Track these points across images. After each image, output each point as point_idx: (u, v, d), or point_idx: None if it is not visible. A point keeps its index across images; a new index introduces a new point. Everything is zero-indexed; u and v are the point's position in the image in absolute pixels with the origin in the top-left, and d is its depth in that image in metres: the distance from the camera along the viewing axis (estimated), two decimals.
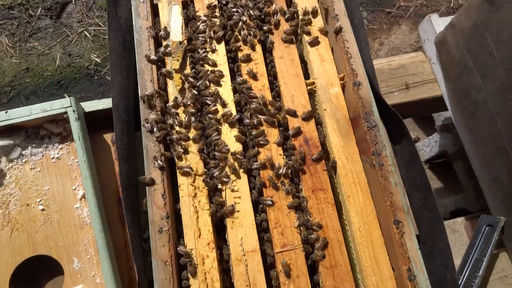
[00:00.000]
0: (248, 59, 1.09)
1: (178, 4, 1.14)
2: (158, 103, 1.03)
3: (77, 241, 1.19)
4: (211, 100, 1.04)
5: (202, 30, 1.11)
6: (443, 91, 1.68)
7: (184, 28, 1.12)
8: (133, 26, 1.10)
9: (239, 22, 1.11)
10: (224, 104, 1.04)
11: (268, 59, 1.12)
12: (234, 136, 1.01)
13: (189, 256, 0.89)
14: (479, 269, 1.43)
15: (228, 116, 1.02)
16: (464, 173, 1.90)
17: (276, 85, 1.10)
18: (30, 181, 1.23)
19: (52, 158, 1.26)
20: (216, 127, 1.02)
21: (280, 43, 1.11)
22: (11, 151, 1.25)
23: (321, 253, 0.90)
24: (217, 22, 1.11)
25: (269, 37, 1.12)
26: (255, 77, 1.07)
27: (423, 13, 2.94)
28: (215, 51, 1.10)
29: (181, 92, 1.06)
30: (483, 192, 1.54)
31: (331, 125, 1.01)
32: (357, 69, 1.04)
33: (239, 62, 1.10)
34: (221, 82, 1.07)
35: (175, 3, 1.14)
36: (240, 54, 1.10)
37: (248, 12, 1.13)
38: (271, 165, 0.98)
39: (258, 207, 0.97)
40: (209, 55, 1.09)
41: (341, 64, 1.07)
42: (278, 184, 0.97)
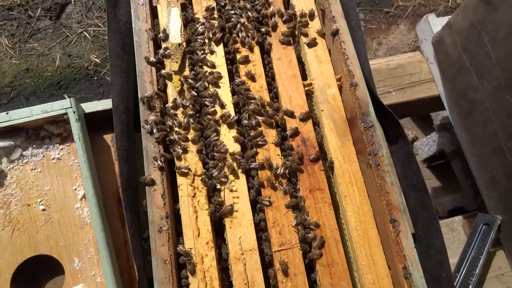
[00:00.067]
0: (246, 60, 1.10)
1: (177, 7, 1.14)
2: (158, 105, 1.03)
3: (77, 240, 1.19)
4: (209, 101, 1.05)
5: (200, 32, 1.11)
6: (440, 91, 1.69)
7: (183, 30, 1.12)
8: (132, 29, 1.10)
9: (237, 24, 1.12)
10: (222, 105, 1.05)
11: (266, 60, 1.12)
12: (232, 137, 1.02)
13: (188, 255, 0.90)
14: (476, 267, 1.43)
15: (227, 117, 1.03)
16: (462, 172, 1.90)
17: (274, 86, 1.10)
18: (31, 181, 1.24)
19: (53, 159, 1.26)
20: (215, 128, 1.02)
21: (278, 45, 1.12)
22: (12, 152, 1.25)
23: (318, 251, 0.91)
24: (215, 24, 1.12)
25: (267, 39, 1.12)
26: (253, 78, 1.08)
27: (421, 12, 2.95)
28: (213, 53, 1.10)
29: (180, 93, 1.06)
30: (480, 191, 1.55)
31: (328, 125, 1.02)
32: (354, 70, 1.04)
33: (238, 64, 1.11)
34: (219, 83, 1.07)
35: (174, 5, 1.14)
36: (238, 55, 1.11)
37: (246, 14, 1.13)
38: (269, 165, 0.99)
39: (256, 206, 0.98)
40: (208, 57, 1.10)
41: (338, 65, 1.08)
42: (276, 184, 0.97)
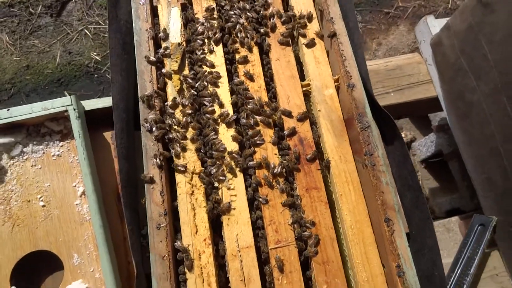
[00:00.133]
0: (245, 60, 1.10)
1: (177, 7, 1.15)
2: (157, 103, 1.04)
3: (77, 236, 1.20)
4: (208, 100, 1.06)
5: (200, 32, 1.12)
6: (438, 92, 1.70)
7: (183, 30, 1.13)
8: (133, 28, 1.11)
9: (236, 25, 1.13)
10: (221, 105, 1.05)
11: (264, 61, 1.13)
12: (231, 136, 1.03)
13: (186, 252, 0.91)
14: (470, 267, 1.44)
15: (225, 116, 1.04)
16: (459, 173, 1.91)
17: (272, 86, 1.11)
18: (31, 177, 1.25)
19: (53, 156, 1.27)
20: (213, 127, 1.03)
21: (276, 45, 1.13)
22: (13, 148, 1.26)
23: (314, 249, 0.92)
24: (215, 24, 1.12)
25: (266, 39, 1.13)
26: (251, 78, 1.09)
27: (421, 13, 2.96)
28: (213, 53, 1.11)
29: (180, 92, 1.07)
30: (476, 192, 1.56)
31: (325, 125, 1.03)
32: (351, 71, 1.05)
33: (237, 64, 1.11)
34: (218, 83, 1.08)
35: (174, 5, 1.15)
36: (237, 55, 1.11)
37: (245, 14, 1.14)
38: (267, 164, 1.00)
39: (254, 203, 0.99)
40: (207, 57, 1.11)
41: (336, 66, 1.09)
42: (273, 183, 0.99)
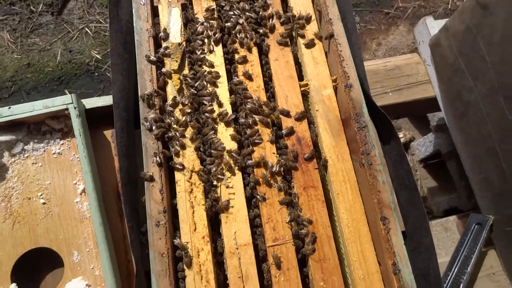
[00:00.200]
0: (244, 60, 1.11)
1: (178, 7, 1.16)
2: (157, 102, 1.05)
3: (77, 234, 1.20)
4: (208, 100, 1.06)
5: (200, 32, 1.13)
6: (436, 92, 1.70)
7: (183, 30, 1.14)
8: (133, 28, 1.12)
9: (236, 25, 1.13)
10: (220, 104, 1.06)
11: (263, 61, 1.14)
12: (229, 135, 1.04)
13: (184, 249, 0.92)
14: (468, 266, 1.45)
15: (224, 115, 1.05)
16: (457, 173, 1.91)
17: (271, 86, 1.12)
18: (32, 175, 1.25)
19: (54, 153, 1.27)
20: (212, 126, 1.04)
21: (275, 46, 1.14)
22: (14, 146, 1.26)
23: (311, 247, 0.93)
24: (215, 25, 1.13)
25: (265, 40, 1.14)
26: (250, 78, 1.09)
27: (421, 14, 2.96)
28: (212, 52, 1.12)
29: (180, 91, 1.08)
30: (473, 191, 1.58)
31: (323, 125, 1.04)
32: (349, 71, 1.06)
33: (236, 64, 1.12)
34: (218, 82, 1.09)
35: (174, 5, 1.16)
36: (236, 56, 1.12)
37: (245, 15, 1.15)
38: (265, 163, 1.01)
39: (252, 201, 1.00)
40: (207, 56, 1.11)
41: (334, 66, 1.10)
42: (271, 181, 1.00)
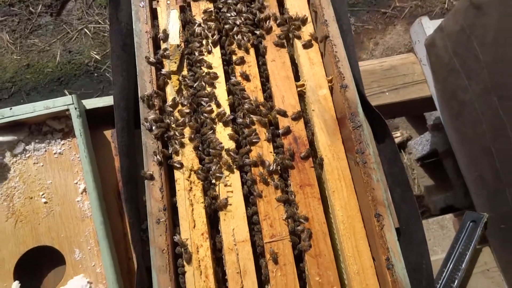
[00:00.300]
0: (242, 61, 1.13)
1: (176, 9, 1.17)
2: (157, 103, 1.07)
3: (78, 232, 1.22)
4: (206, 100, 1.08)
5: (198, 33, 1.15)
6: (432, 92, 1.71)
7: (181, 32, 1.15)
8: (133, 30, 1.13)
9: (233, 27, 1.15)
10: (218, 104, 1.08)
11: (260, 61, 1.16)
12: (227, 135, 1.05)
13: (184, 245, 0.95)
14: (462, 262, 1.46)
15: (222, 115, 1.07)
16: (453, 172, 1.93)
17: (268, 86, 1.14)
18: (34, 175, 1.26)
19: (55, 154, 1.29)
20: (211, 126, 1.06)
21: (272, 47, 1.15)
22: (15, 146, 1.27)
23: (307, 243, 0.95)
24: (212, 26, 1.15)
25: (262, 41, 1.15)
26: (248, 78, 1.11)
27: (418, 13, 2.98)
28: (210, 54, 1.14)
29: (179, 92, 1.10)
30: (469, 189, 1.60)
31: (319, 124, 1.07)
32: (344, 72, 1.08)
33: (234, 65, 1.14)
34: (216, 83, 1.11)
35: (173, 7, 1.17)
36: (234, 57, 1.14)
37: (242, 17, 1.16)
38: (262, 162, 1.03)
39: (250, 198, 1.02)
40: (205, 58, 1.13)
41: (330, 67, 1.12)
42: (268, 179, 1.02)
